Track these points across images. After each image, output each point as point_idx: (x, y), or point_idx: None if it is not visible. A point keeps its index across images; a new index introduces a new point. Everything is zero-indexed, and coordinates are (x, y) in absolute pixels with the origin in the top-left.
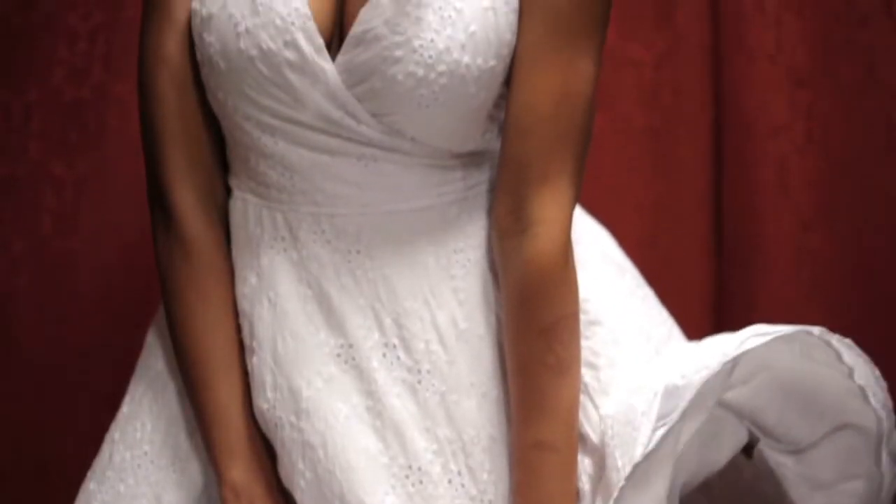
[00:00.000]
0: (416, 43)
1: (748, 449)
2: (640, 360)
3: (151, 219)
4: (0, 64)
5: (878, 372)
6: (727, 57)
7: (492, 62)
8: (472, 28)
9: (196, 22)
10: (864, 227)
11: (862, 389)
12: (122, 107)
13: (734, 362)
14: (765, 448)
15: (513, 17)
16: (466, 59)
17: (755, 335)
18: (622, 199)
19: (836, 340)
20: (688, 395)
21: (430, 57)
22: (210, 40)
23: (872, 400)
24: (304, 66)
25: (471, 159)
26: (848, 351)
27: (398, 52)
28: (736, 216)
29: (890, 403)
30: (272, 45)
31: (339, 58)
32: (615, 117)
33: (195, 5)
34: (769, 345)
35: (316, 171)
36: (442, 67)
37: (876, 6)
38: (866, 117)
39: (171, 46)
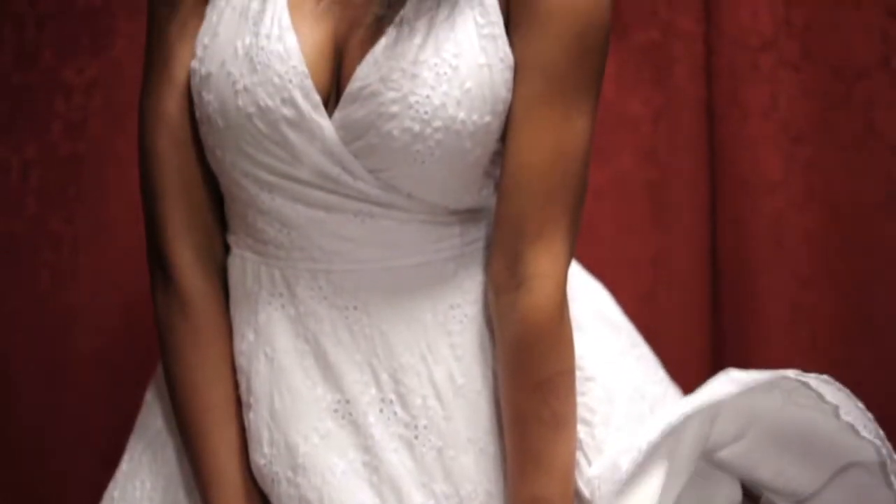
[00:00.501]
0: (412, 99)
1: (755, 501)
2: (633, 419)
3: (150, 276)
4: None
5: (861, 404)
6: (722, 113)
7: (487, 118)
8: (468, 85)
9: (195, 81)
10: (864, 282)
11: (851, 426)
12: (119, 161)
13: (702, 409)
14: (772, 495)
15: (508, 74)
16: (462, 114)
17: (729, 382)
18: (620, 254)
19: (813, 380)
20: (654, 436)
21: (426, 113)
22: (209, 98)
23: (864, 432)
24: (301, 123)
25: (468, 216)
26: (828, 388)
27: (394, 108)
28: (732, 272)
29: (882, 432)
30: (270, 103)
31: (336, 114)
32: (613, 172)
33: (194, 64)
34: (749, 395)
35: (313, 228)
36: (437, 123)
37: (875, 60)
38: (866, 172)
39: (171, 105)
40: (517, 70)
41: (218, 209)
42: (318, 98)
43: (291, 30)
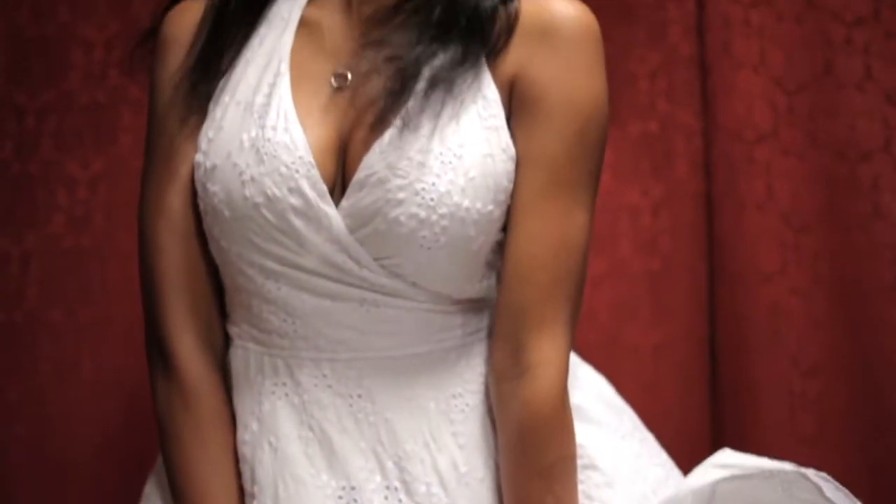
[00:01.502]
0: (419, 186)
1: None
2: (634, 502)
3: (149, 365)
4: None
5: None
6: (719, 204)
7: (490, 206)
8: (472, 173)
9: (199, 173)
10: (870, 370)
11: None
12: (121, 255)
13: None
14: None
15: (510, 166)
16: (466, 202)
17: (726, 466)
18: (620, 342)
19: (812, 475)
20: None
21: (432, 200)
22: (214, 190)
23: None
24: (308, 212)
25: (470, 306)
26: (827, 485)
27: (401, 195)
28: (731, 363)
29: None
30: (277, 192)
31: (343, 202)
32: (613, 261)
33: (198, 157)
34: (749, 481)
35: (318, 317)
36: (443, 210)
37: (877, 144)
38: (872, 254)
39: (173, 199)
40: (519, 163)
41: (219, 300)
42: (324, 187)
43: (297, 122)
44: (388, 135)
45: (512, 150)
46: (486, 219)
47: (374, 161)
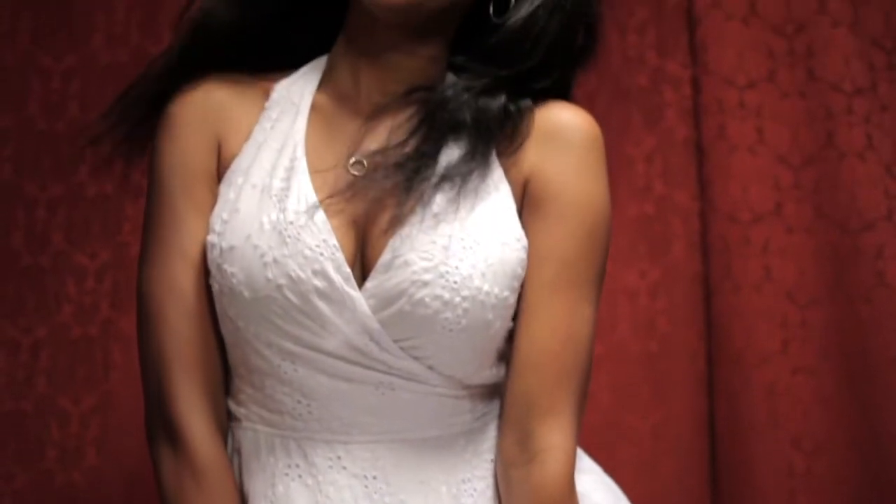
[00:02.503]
0: (443, 269)
1: None
2: None
3: (153, 447)
4: (9, 302)
5: None
6: (717, 285)
7: (506, 293)
8: (491, 259)
9: (214, 254)
10: (874, 448)
11: None
12: (125, 343)
13: None
14: None
15: (523, 255)
16: (486, 286)
17: None
18: (620, 423)
19: None
20: None
21: (455, 282)
22: (232, 270)
23: None
24: (332, 294)
25: (479, 391)
26: None
27: (427, 276)
28: (730, 443)
29: None
30: (301, 274)
31: (367, 283)
32: (612, 344)
33: (212, 238)
34: None
35: (334, 399)
36: (465, 293)
37: (879, 214)
38: (877, 324)
39: (183, 277)
40: (531, 256)
41: (224, 379)
42: (348, 270)
43: (319, 206)
44: (411, 220)
45: (524, 241)
46: (503, 304)
47: (399, 244)
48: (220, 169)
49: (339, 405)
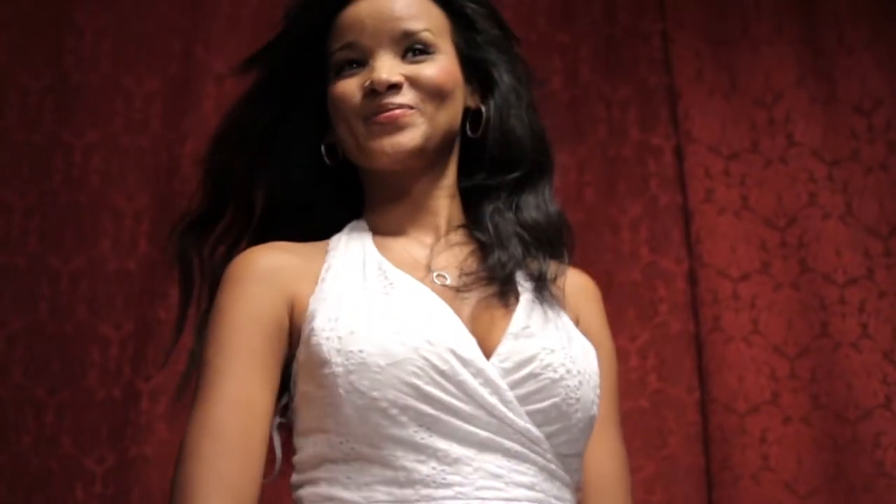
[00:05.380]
0: (560, 344)
1: None
2: None
3: None
4: (36, 366)
5: None
6: (707, 340)
7: (598, 379)
8: (586, 347)
9: (329, 346)
10: (866, 493)
11: None
12: (144, 401)
13: None
14: None
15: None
16: (591, 367)
17: None
18: None
19: None
20: None
21: (572, 357)
22: (359, 347)
23: None
24: (465, 358)
25: (571, 491)
26: None
27: (553, 345)
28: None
29: None
30: (435, 338)
31: (500, 348)
32: None
33: (322, 335)
34: None
35: (464, 465)
36: (580, 366)
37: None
38: (859, 375)
39: (224, 422)
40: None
41: None
42: (474, 340)
43: (432, 292)
44: (519, 307)
45: (595, 352)
46: (596, 393)
47: (521, 318)
48: (297, 313)
49: (470, 470)
